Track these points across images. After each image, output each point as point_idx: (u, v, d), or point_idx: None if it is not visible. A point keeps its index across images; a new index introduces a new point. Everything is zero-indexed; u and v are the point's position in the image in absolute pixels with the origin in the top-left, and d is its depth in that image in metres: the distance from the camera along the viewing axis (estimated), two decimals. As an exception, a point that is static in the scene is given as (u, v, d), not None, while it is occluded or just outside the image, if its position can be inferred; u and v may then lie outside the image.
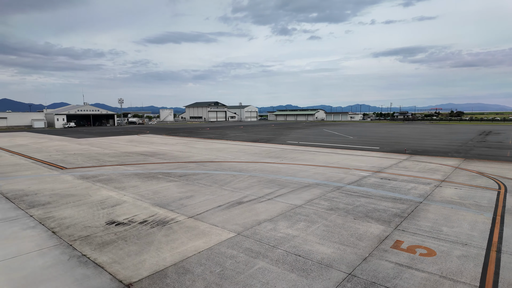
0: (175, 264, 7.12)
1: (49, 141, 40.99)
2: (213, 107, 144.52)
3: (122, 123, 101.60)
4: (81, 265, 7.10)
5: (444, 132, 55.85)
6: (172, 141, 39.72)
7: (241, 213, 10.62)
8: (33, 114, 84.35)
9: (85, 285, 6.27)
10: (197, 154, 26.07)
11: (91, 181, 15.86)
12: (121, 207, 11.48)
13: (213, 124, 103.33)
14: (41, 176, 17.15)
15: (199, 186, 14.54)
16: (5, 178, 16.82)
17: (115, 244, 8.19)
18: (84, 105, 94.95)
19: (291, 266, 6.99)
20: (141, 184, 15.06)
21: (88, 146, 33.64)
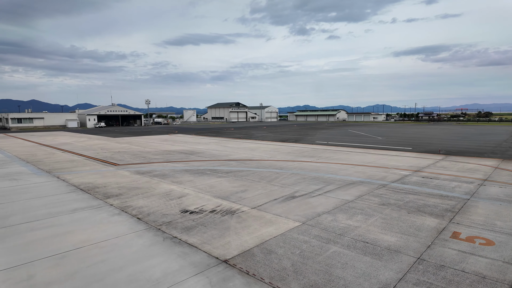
0: (257, 245, 8.11)
1: (89, 140, 43.54)
2: (234, 108, 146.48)
3: (148, 123, 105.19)
4: (177, 244, 8.22)
5: (474, 133, 54.48)
6: (204, 140, 41.21)
7: (298, 206, 11.51)
8: (67, 115, 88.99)
9: (188, 260, 7.36)
10: (233, 153, 27.22)
11: (148, 176, 17.25)
12: (187, 198, 12.66)
13: (235, 125, 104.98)
14: (100, 171, 18.76)
15: (248, 182, 15.57)
16: (70, 172, 18.54)
17: (197, 229, 9.29)
18: (113, 106, 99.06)
19: (362, 250, 7.81)
20: (195, 179, 16.27)
21: (127, 144, 35.64)
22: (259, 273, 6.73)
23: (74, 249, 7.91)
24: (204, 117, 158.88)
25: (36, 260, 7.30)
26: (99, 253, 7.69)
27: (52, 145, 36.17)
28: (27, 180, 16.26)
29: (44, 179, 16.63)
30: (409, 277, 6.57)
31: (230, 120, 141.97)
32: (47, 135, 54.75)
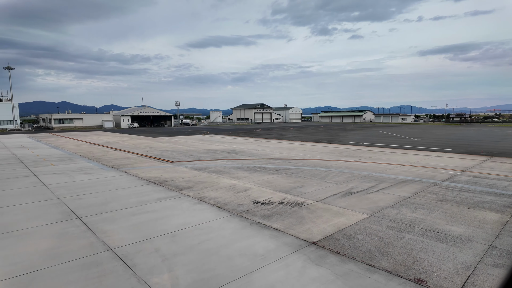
0: (337, 232, 9.13)
1: (131, 139, 46.25)
2: (259, 109, 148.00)
3: (178, 124, 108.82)
4: (264, 228, 9.40)
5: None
6: (238, 140, 42.66)
7: (359, 201, 12.41)
8: (103, 116, 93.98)
9: (280, 241, 8.50)
10: (274, 152, 28.33)
11: (206, 172, 18.71)
12: (252, 191, 13.88)
13: (260, 125, 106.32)
14: (161, 167, 20.46)
15: (301, 179, 16.60)
16: (133, 168, 20.36)
17: (275, 217, 10.44)
18: (144, 107, 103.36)
19: (435, 238, 8.63)
20: (250, 175, 17.52)
21: (170, 144, 37.71)
22: (348, 253, 7.75)
23: (179, 230, 9.28)
24: (229, 118, 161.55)
25: (154, 237, 8.71)
26: (201, 233, 9.01)
27: (100, 143, 38.92)
28: (101, 174, 18.17)
29: (114, 173, 18.49)
30: (486, 260, 7.35)
31: (255, 121, 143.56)
32: (90, 135, 58.44)
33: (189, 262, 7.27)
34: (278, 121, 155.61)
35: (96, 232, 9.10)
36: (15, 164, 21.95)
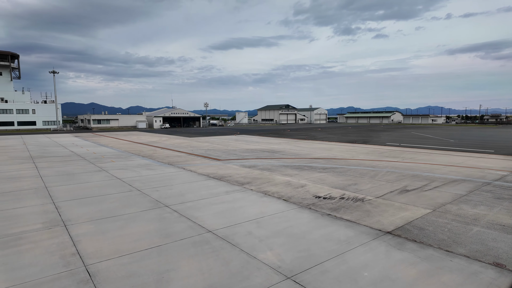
0: (407, 224, 9.91)
1: (170, 139, 48.56)
2: (284, 110, 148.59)
3: (206, 124, 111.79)
4: (336, 219, 10.34)
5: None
6: (272, 140, 43.72)
7: (417, 197, 13.04)
8: (136, 116, 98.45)
9: (356, 230, 9.40)
10: (312, 152, 29.12)
11: (256, 169, 19.88)
12: (309, 187, 14.85)
13: (286, 126, 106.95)
14: (213, 165, 21.88)
15: (352, 177, 17.36)
16: (188, 165, 21.92)
17: (342, 210, 11.35)
18: (174, 109, 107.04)
19: (503, 231, 9.22)
20: (300, 173, 18.49)
21: (208, 143, 39.43)
22: (424, 241, 8.54)
23: (259, 217, 10.42)
24: (254, 119, 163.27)
25: (241, 223, 9.90)
26: (281, 221, 10.09)
27: (143, 142, 41.32)
28: (162, 170, 19.81)
29: (173, 169, 20.08)
30: (560, 251, 7.91)
31: (280, 122, 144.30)
32: (130, 135, 61.71)
33: (282, 243, 8.37)
34: (303, 122, 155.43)
35: (189, 217, 10.43)
36: (80, 161, 24.20)
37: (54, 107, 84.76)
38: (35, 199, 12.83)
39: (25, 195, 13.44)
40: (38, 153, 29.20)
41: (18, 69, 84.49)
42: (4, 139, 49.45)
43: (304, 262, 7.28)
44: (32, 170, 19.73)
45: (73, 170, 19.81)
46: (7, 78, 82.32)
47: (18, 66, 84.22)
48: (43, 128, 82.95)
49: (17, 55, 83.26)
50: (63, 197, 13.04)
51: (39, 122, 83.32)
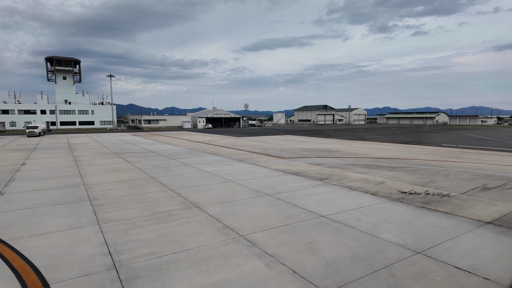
0: (503, 216, 10.59)
1: (221, 138, 51.19)
2: (321, 110, 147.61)
3: (246, 125, 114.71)
4: (432, 211, 11.29)
5: None
6: (321, 140, 44.54)
7: (502, 195, 13.51)
8: (182, 117, 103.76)
9: (456, 220, 10.32)
10: (371, 152, 29.70)
11: (325, 167, 21.10)
12: (389, 183, 15.80)
13: (325, 127, 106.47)
14: (281, 162, 23.44)
15: (425, 175, 17.98)
16: (257, 161, 23.67)
17: (434, 204, 12.25)
18: (216, 110, 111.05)
19: None
20: (371, 171, 19.42)
21: (261, 143, 41.27)
22: (529, 231, 9.32)
23: (360, 207, 11.67)
24: (290, 120, 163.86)
25: (346, 211, 11.23)
26: (382, 211, 11.28)
27: (200, 141, 44.15)
28: (238, 166, 21.71)
29: (248, 165, 21.91)
30: None
31: (317, 123, 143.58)
32: (182, 134, 65.61)
33: (395, 228, 9.57)
34: (341, 122, 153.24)
35: (295, 204, 11.97)
36: (159, 156, 26.96)
37: (110, 108, 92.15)
38: (152, 186, 15.15)
39: (142, 183, 15.84)
40: (117, 150, 32.71)
41: (79, 74, 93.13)
42: (76, 137, 55.08)
43: (424, 243, 8.45)
44: (127, 164, 22.59)
45: (162, 164, 22.37)
46: (70, 82, 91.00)
47: (79, 71, 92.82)
48: (100, 128, 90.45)
49: (78, 61, 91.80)
50: (175, 186, 15.23)
51: (97, 122, 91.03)
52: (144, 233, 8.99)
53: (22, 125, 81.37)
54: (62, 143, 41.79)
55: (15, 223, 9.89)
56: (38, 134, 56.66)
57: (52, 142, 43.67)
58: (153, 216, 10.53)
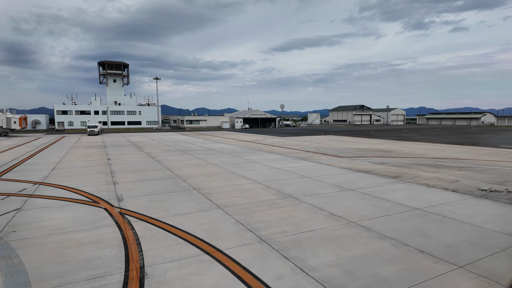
0: None
1: (266, 138, 52.73)
2: (358, 111, 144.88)
3: (282, 125, 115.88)
4: None
5: None
6: (368, 140, 44.49)
7: None
8: (221, 118, 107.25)
9: (550, 216, 10.78)
10: (428, 153, 29.55)
11: (390, 166, 21.66)
12: (463, 182, 16.16)
13: (363, 127, 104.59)
14: (341, 161, 24.30)
15: (498, 175, 17.97)
16: (317, 160, 24.69)
17: (520, 201, 12.65)
18: (253, 110, 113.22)
19: None
20: (439, 170, 19.71)
21: (308, 143, 42.19)
22: None
23: (446, 202, 12.37)
24: (325, 120, 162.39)
25: (437, 205, 12.00)
26: (471, 205, 11.89)
27: (249, 140, 45.93)
28: (303, 163, 22.89)
29: (311, 163, 23.01)
30: None
31: (354, 123, 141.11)
32: (227, 134, 68.17)
33: (492, 220, 10.22)
34: (379, 123, 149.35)
35: (383, 198, 12.92)
36: (222, 154, 28.87)
37: (155, 109, 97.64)
38: (238, 179, 16.76)
39: (227, 177, 17.53)
40: (179, 148, 35.25)
41: (127, 76, 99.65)
42: (131, 136, 59.35)
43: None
44: (199, 160, 24.63)
45: (230, 161, 24.15)
46: (119, 84, 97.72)
47: (127, 74, 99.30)
48: (147, 127, 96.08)
49: (127, 64, 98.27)
50: (258, 179, 16.72)
51: (144, 122, 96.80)
52: (264, 216, 10.46)
53: (79, 125, 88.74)
54: (123, 141, 45.48)
55: (150, 205, 11.82)
56: (97, 133, 61.80)
57: (114, 140, 47.61)
58: (260, 203, 12.02)
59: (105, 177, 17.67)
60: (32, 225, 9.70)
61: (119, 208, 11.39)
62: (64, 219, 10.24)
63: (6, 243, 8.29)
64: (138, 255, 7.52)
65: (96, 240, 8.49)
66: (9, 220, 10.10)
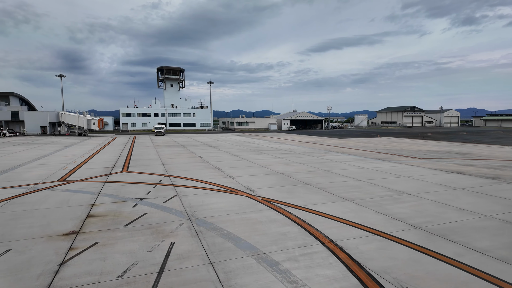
0: None
1: (325, 140, 53.45)
2: (409, 112, 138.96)
3: (329, 126, 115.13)
4: None
5: None
6: (436, 143, 43.29)
7: None
8: (268, 119, 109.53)
9: None
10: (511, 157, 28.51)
11: (479, 167, 21.55)
12: None
13: (415, 129, 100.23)
14: (423, 162, 24.49)
15: None
16: (398, 160, 25.17)
17: None
18: (299, 112, 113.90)
19: None
20: (539, 173, 19.37)
21: (373, 144, 42.25)
22: None
23: None
24: (372, 122, 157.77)
25: (561, 204, 12.33)
26: None
27: (308, 141, 47.06)
28: (385, 164, 23.56)
29: (393, 164, 23.58)
30: None
31: (404, 125, 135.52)
32: (280, 135, 69.91)
33: None
34: (431, 125, 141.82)
35: (499, 196, 13.44)
36: (296, 153, 30.38)
37: (208, 111, 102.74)
38: (338, 177, 18.06)
39: (326, 174, 18.91)
40: (251, 148, 37.45)
41: (183, 81, 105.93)
42: (194, 137, 63.41)
43: None
44: (280, 159, 26.35)
45: (312, 160, 25.56)
46: (176, 88, 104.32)
47: (183, 78, 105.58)
48: (200, 129, 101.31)
49: (183, 69, 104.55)
50: (358, 177, 17.90)
51: (198, 123, 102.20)
52: (396, 209, 11.66)
53: (140, 126, 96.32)
54: (193, 142, 48.98)
55: (282, 195, 13.56)
56: (162, 134, 66.92)
57: (184, 141, 51.40)
58: (382, 198, 13.22)
59: (215, 171, 20.00)
60: (203, 207, 11.87)
61: (260, 197, 13.30)
62: (225, 203, 12.34)
63: (201, 219, 10.44)
64: (317, 232, 9.17)
65: (270, 219, 10.33)
66: (182, 203, 12.41)
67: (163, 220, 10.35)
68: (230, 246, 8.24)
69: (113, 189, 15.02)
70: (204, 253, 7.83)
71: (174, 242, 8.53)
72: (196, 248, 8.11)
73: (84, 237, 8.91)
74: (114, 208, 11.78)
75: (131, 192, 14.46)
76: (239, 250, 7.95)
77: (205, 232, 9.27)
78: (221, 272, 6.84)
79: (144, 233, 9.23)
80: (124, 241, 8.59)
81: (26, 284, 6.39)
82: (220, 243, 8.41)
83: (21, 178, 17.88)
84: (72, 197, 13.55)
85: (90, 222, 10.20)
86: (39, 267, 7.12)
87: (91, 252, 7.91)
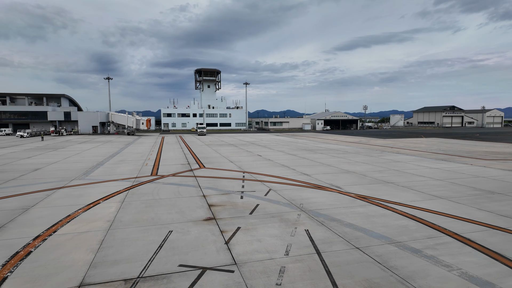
0: None
1: (369, 140, 53.08)
2: (448, 112, 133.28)
3: (364, 126, 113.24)
4: None
5: None
6: (490, 144, 41.74)
7: None
8: (302, 119, 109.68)
9: None
10: None
11: (558, 170, 21.01)
12: None
13: (456, 130, 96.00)
14: (489, 163, 24.10)
15: None
16: (462, 161, 24.92)
17: None
18: (334, 112, 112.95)
19: None
20: None
21: (424, 145, 41.56)
22: None
23: None
24: (408, 122, 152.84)
25: None
26: None
27: (353, 141, 47.06)
28: (452, 164, 23.45)
29: (462, 164, 23.39)
30: None
31: (443, 125, 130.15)
32: (318, 135, 70.09)
33: None
34: (472, 125, 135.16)
35: None
36: (350, 153, 30.80)
37: (243, 111, 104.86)
38: (413, 176, 18.45)
39: (400, 174, 19.35)
40: (300, 148, 38.28)
41: (219, 82, 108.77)
42: (238, 136, 65.23)
43: None
44: (340, 159, 26.94)
45: (373, 160, 25.93)
46: (213, 89, 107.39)
47: (219, 80, 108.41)
48: (235, 129, 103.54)
49: (219, 71, 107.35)
50: (436, 177, 18.19)
51: (233, 124, 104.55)
52: (496, 207, 12.02)
53: (180, 126, 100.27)
54: (237, 141, 50.57)
55: (371, 193, 14.29)
56: (204, 133, 69.45)
57: (230, 140, 53.18)
58: (474, 196, 13.58)
59: (286, 169, 21.06)
60: (305, 201, 12.91)
61: (353, 193, 14.12)
62: (323, 198, 13.32)
63: (313, 211, 11.46)
64: (435, 225, 9.86)
65: (379, 214, 11.15)
66: (282, 197, 13.51)
67: (279, 211, 11.48)
68: (361, 235, 9.16)
69: (208, 183, 16.49)
70: (342, 239, 8.81)
71: (307, 229, 9.59)
72: (332, 235, 9.11)
73: (225, 223, 10.21)
74: (225, 199, 13.11)
75: (226, 186, 15.83)
76: (373, 239, 8.85)
77: (327, 222, 10.26)
78: (374, 255, 7.77)
79: (273, 220, 10.39)
80: (262, 227, 9.78)
81: (211, 258, 7.66)
82: (350, 232, 9.36)
83: (117, 173, 19.92)
84: (178, 189, 15.11)
85: (217, 210, 11.55)
86: (210, 244, 8.43)
87: (242, 235, 9.13)
